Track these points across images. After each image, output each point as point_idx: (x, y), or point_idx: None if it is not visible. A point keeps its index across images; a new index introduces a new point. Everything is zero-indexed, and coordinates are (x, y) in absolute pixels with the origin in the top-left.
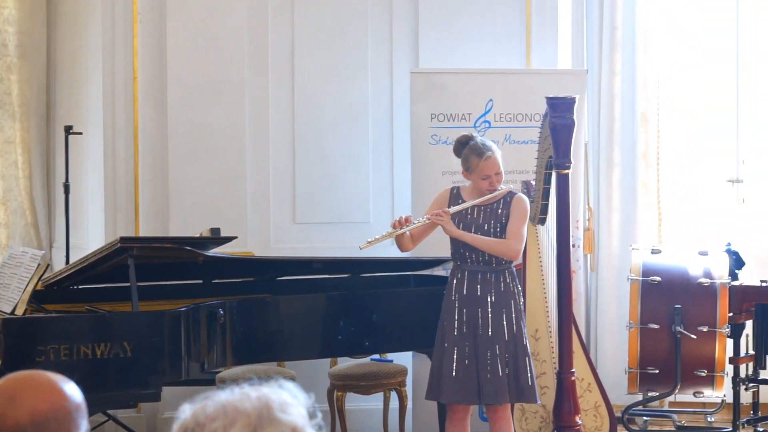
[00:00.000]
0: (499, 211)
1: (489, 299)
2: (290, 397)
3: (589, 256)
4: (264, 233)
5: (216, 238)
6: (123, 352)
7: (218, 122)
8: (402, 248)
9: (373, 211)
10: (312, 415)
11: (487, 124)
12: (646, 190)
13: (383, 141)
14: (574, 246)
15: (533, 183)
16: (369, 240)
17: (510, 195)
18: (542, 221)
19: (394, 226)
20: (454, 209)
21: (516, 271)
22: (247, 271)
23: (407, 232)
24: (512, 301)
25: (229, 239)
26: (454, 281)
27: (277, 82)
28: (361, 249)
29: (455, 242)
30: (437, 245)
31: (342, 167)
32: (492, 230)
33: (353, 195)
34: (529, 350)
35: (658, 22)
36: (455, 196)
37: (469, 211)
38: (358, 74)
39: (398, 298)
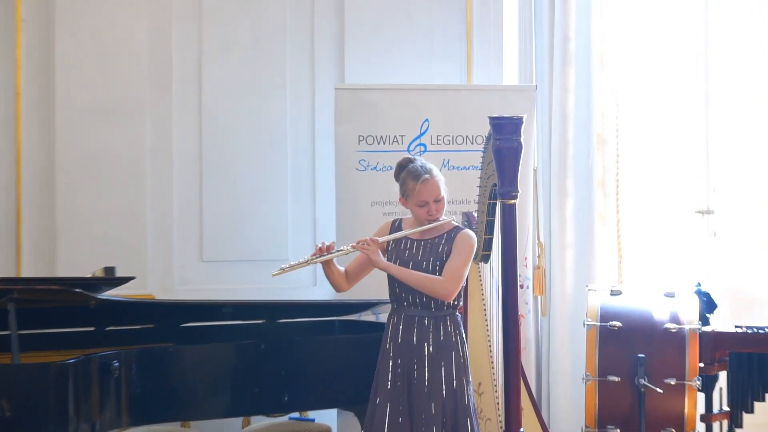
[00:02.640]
0: (440, 247)
1: (426, 349)
2: None
3: (539, 298)
4: (167, 273)
5: (110, 278)
6: (1, 411)
7: (115, 147)
8: (337, 287)
9: (292, 248)
10: None
11: (422, 148)
12: (604, 223)
13: (304, 167)
14: (522, 287)
15: (475, 215)
16: (283, 266)
17: (455, 230)
18: (486, 258)
19: (314, 254)
20: (384, 239)
21: (460, 317)
22: (147, 317)
23: (340, 268)
24: (453, 353)
25: (125, 280)
26: (390, 327)
27: (182, 101)
28: (273, 276)
29: (392, 281)
30: (377, 286)
31: (257, 197)
32: (432, 268)
33: (270, 229)
34: (472, 409)
35: (618, 33)
36: (396, 229)
37: (407, 246)
38: (275, 92)
39: (321, 347)
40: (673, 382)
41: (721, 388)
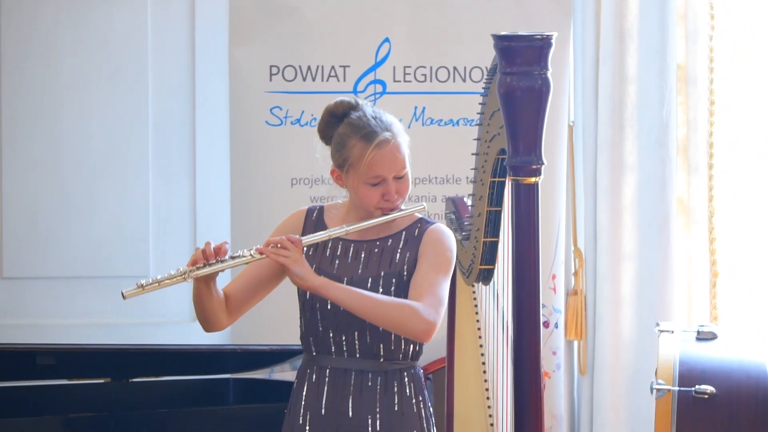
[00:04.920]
0: (398, 253)
1: (370, 426)
2: None
3: (576, 344)
4: None
5: None
6: None
7: None
8: (210, 323)
9: (155, 257)
10: None
11: (379, 88)
12: (687, 218)
13: (176, 120)
14: (547, 325)
15: (468, 202)
16: (141, 282)
17: (421, 225)
18: (486, 276)
19: (194, 263)
20: (310, 239)
21: (422, 374)
22: None
23: (217, 290)
24: None
25: None
26: (305, 388)
27: None
28: (125, 297)
29: (311, 311)
30: (285, 321)
31: (95, 174)
32: (384, 290)
33: (118, 227)
34: None
35: None
36: (315, 222)
37: (338, 251)
38: None
39: (205, 424)
40: None
41: None
